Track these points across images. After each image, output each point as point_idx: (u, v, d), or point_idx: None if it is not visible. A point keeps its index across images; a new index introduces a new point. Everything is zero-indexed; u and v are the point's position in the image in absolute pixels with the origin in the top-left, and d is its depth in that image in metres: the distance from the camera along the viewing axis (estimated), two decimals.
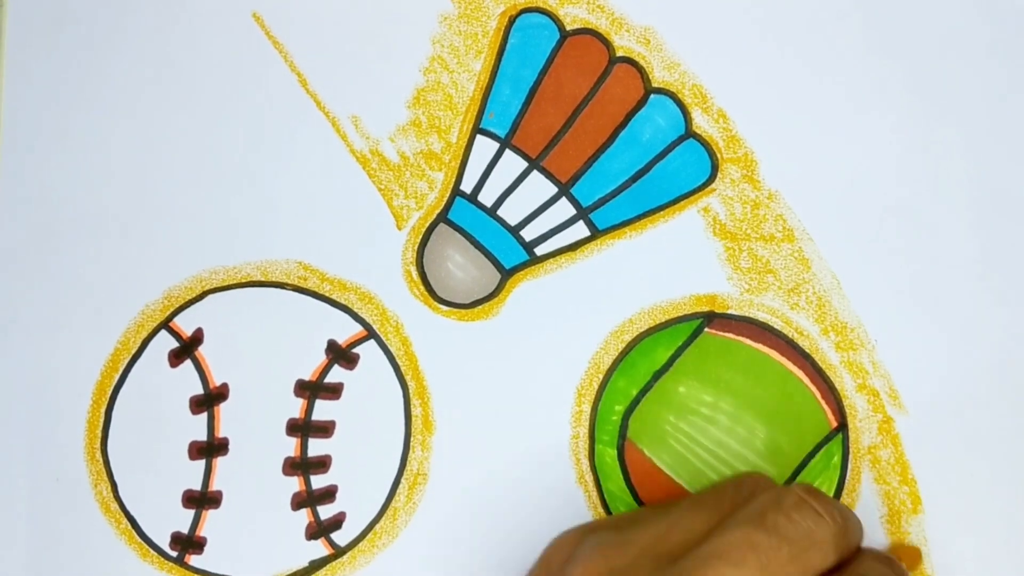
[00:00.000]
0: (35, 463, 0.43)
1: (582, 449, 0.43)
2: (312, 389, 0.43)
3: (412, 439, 0.43)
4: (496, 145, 0.44)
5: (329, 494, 0.43)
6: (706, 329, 0.43)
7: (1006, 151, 0.43)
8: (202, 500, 0.43)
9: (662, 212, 0.44)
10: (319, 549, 0.43)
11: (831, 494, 0.42)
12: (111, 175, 0.44)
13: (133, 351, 0.44)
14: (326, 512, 0.43)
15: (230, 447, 0.43)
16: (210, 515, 0.43)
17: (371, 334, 0.43)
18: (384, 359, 0.43)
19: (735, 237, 0.43)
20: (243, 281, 0.44)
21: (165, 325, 0.44)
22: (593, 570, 0.35)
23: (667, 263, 0.43)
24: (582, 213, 0.44)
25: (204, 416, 0.43)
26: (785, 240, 0.43)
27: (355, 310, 0.44)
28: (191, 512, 0.43)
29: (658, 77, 0.44)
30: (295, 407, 0.43)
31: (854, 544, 0.36)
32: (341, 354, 0.43)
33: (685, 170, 0.44)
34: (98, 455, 0.43)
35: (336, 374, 0.43)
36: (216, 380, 0.43)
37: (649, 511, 0.38)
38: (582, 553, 0.36)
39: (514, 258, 0.44)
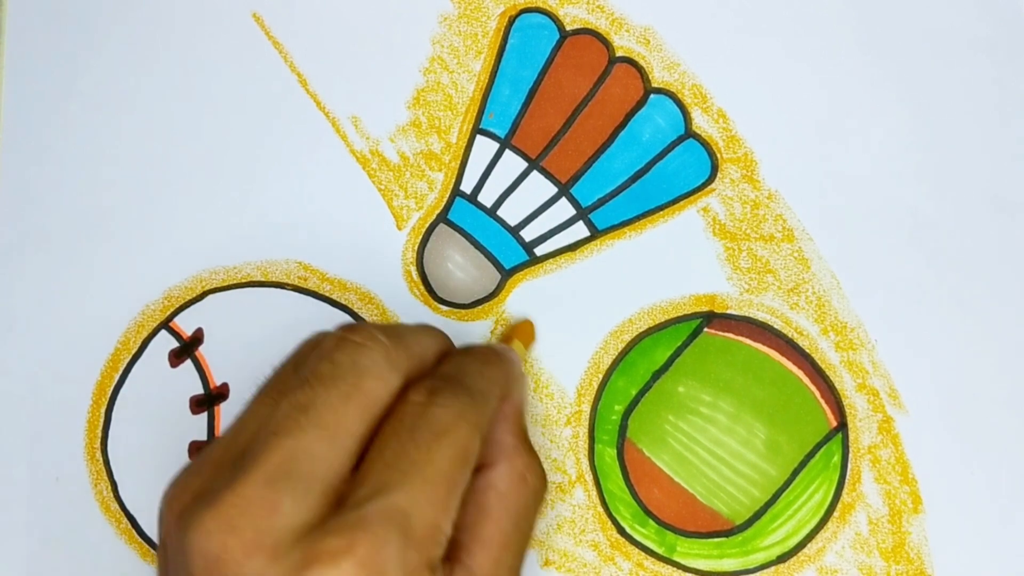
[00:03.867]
0: (35, 463, 0.43)
1: (581, 448, 0.43)
2: None
3: None
4: (496, 145, 0.44)
5: None
6: (706, 329, 0.43)
7: (1006, 150, 0.43)
8: None
9: (662, 212, 0.44)
10: None
11: (831, 494, 0.42)
12: (111, 175, 0.44)
13: (133, 351, 0.44)
14: None
15: None
16: None
17: None
18: None
19: (735, 237, 0.43)
20: (243, 281, 0.44)
21: (165, 325, 0.44)
22: (176, 507, 0.31)
23: (667, 263, 0.43)
24: (582, 213, 0.44)
25: (204, 416, 0.43)
26: (785, 240, 0.43)
27: (355, 310, 0.44)
28: None
29: (658, 77, 0.44)
30: None
31: (424, 353, 0.34)
32: None
33: (685, 170, 0.44)
34: (98, 455, 0.43)
35: None
36: (216, 380, 0.43)
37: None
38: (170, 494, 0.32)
39: (514, 258, 0.44)
